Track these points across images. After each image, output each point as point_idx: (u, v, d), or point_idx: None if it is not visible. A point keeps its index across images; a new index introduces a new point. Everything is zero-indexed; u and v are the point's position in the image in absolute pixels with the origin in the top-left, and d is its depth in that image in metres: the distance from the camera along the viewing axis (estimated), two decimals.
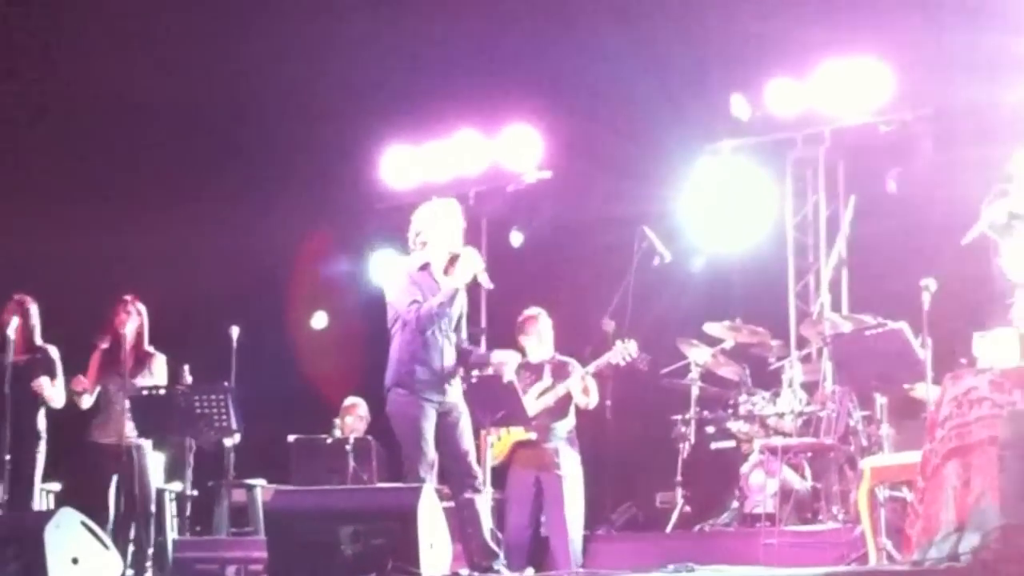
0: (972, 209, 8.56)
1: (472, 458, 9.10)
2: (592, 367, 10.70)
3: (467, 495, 9.00)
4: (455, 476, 9.11)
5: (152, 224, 14.16)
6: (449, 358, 9.12)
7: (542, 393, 10.66)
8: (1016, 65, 11.55)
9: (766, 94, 12.97)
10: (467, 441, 9.10)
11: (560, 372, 10.75)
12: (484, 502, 9.10)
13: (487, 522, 9.06)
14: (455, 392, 9.16)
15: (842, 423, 10.36)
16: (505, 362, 9.58)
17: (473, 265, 9.07)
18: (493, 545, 9.01)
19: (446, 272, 9.18)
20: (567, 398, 10.68)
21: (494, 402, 9.62)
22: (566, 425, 10.74)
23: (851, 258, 12.51)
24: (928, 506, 7.20)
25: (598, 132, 13.45)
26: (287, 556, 8.58)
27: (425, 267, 9.17)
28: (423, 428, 8.96)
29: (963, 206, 8.56)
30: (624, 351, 10.69)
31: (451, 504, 9.17)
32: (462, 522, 9.05)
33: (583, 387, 10.64)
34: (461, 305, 9.22)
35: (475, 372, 9.88)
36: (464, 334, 9.35)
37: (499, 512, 10.61)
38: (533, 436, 10.57)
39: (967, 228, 8.40)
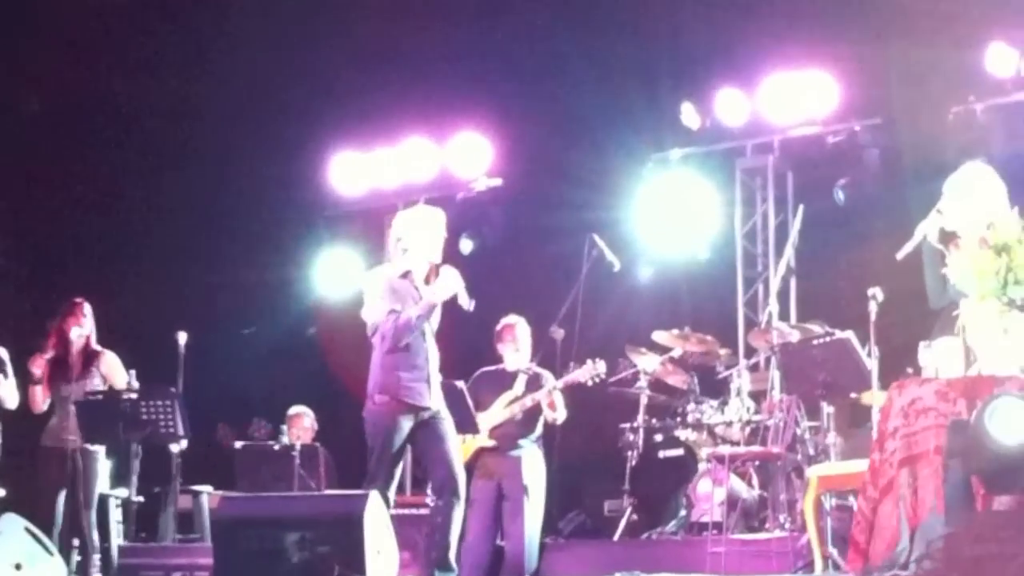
0: (918, 220, 8.60)
1: (455, 465, 8.96)
2: (560, 382, 10.69)
3: (443, 501, 8.93)
4: (435, 481, 9.04)
5: (97, 228, 14.11)
6: (433, 363, 9.04)
7: (511, 402, 10.65)
8: (960, 77, 11.63)
9: (715, 104, 13.03)
10: (450, 447, 8.98)
11: (533, 384, 10.73)
12: (459, 514, 8.98)
13: (455, 535, 8.96)
14: (438, 398, 9.05)
15: (789, 432, 10.39)
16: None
17: (453, 285, 8.95)
18: (451, 560, 8.95)
19: (427, 281, 9.10)
20: (536, 410, 10.66)
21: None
22: (532, 435, 10.71)
23: (799, 267, 12.56)
24: (883, 517, 7.23)
25: (548, 140, 13.47)
26: (233, 563, 8.54)
27: (406, 275, 9.09)
28: (393, 441, 8.88)
29: (910, 216, 8.58)
30: (593, 371, 10.69)
31: (402, 511, 9.16)
32: (431, 528, 9.01)
33: (550, 401, 10.62)
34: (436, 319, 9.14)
35: None
36: None
37: None
38: (493, 444, 10.56)
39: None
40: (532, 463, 10.64)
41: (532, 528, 10.52)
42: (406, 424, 8.92)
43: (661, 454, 11.76)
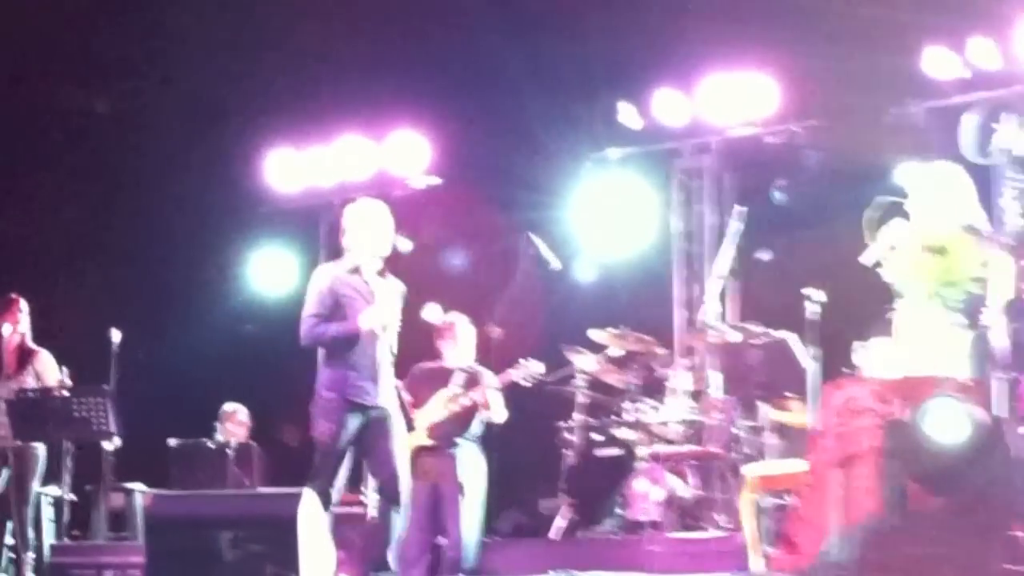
0: (856, 220, 8.62)
1: (399, 467, 8.91)
2: (497, 381, 10.67)
3: (385, 501, 8.92)
4: (379, 481, 9.03)
5: (30, 226, 13.98)
6: (383, 362, 9.00)
7: (449, 400, 10.62)
8: (897, 79, 11.69)
9: (654, 104, 13.02)
10: (395, 447, 8.93)
11: (472, 382, 10.70)
12: (400, 515, 8.94)
13: (395, 536, 8.93)
14: (386, 396, 8.99)
15: (726, 431, 10.41)
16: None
17: (382, 318, 8.91)
18: (390, 560, 8.89)
19: (382, 274, 9.08)
20: (474, 408, 10.63)
21: None
22: (470, 434, 10.69)
23: (737, 268, 12.57)
24: (817, 516, 7.25)
25: (486, 138, 13.43)
26: (165, 562, 8.49)
27: (356, 270, 9.06)
28: (339, 437, 8.84)
29: (847, 217, 8.61)
30: (528, 371, 10.67)
31: (338, 510, 9.11)
32: (371, 527, 8.96)
33: (485, 402, 10.60)
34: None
35: None
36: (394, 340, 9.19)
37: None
38: (430, 442, 10.53)
39: (852, 239, 8.45)
40: (469, 462, 10.61)
41: (469, 527, 10.49)
42: (353, 422, 8.88)
43: (598, 453, 11.74)
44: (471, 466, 10.62)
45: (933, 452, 6.73)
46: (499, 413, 10.70)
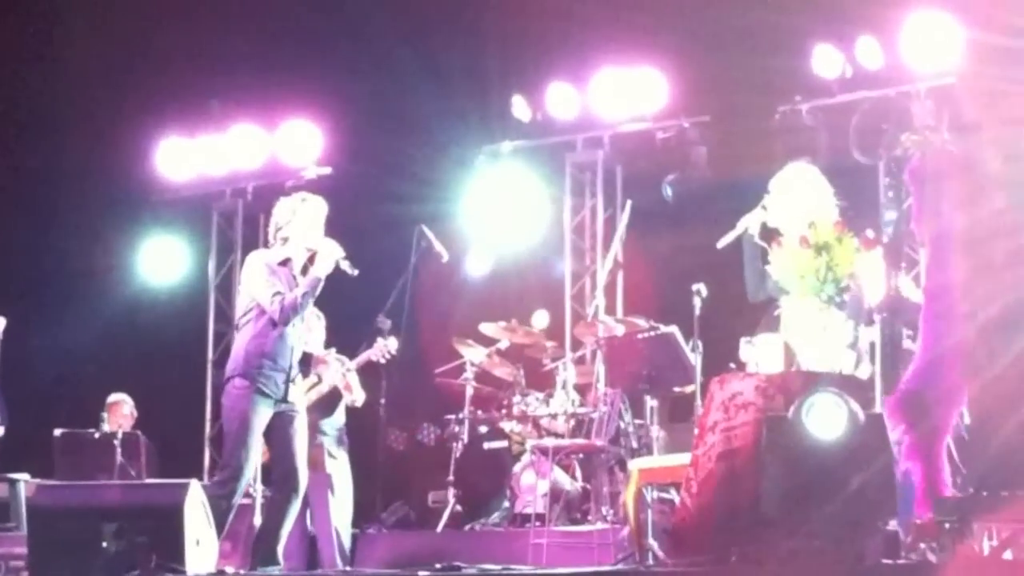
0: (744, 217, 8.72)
1: (299, 462, 8.88)
2: (352, 364, 10.65)
3: (280, 496, 8.87)
4: (277, 474, 8.96)
5: None
6: (296, 357, 8.99)
7: (308, 390, 10.59)
8: (786, 78, 11.82)
9: (546, 97, 13.08)
10: (298, 443, 8.90)
11: (328, 369, 10.68)
12: (293, 510, 8.92)
13: (285, 530, 8.89)
14: (296, 392, 8.99)
15: (613, 425, 10.46)
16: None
17: (334, 254, 8.94)
18: (279, 554, 8.86)
19: (304, 271, 9.04)
20: (335, 396, 10.61)
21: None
22: (334, 423, 10.67)
23: (626, 262, 12.65)
24: (700, 509, 7.31)
25: (379, 130, 13.41)
26: (49, 553, 8.40)
27: (285, 263, 9.02)
28: (252, 424, 8.76)
29: (736, 214, 8.69)
30: (384, 348, 10.67)
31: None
32: (264, 519, 8.93)
33: (345, 384, 10.59)
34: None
35: None
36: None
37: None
38: None
39: (739, 236, 8.55)
40: (335, 451, 10.60)
41: (339, 518, 10.49)
42: (264, 411, 8.83)
43: (486, 446, 11.78)
44: (337, 455, 10.61)
45: (812, 447, 6.82)
46: (359, 395, 10.71)
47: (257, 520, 11.07)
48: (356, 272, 9.11)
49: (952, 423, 7.64)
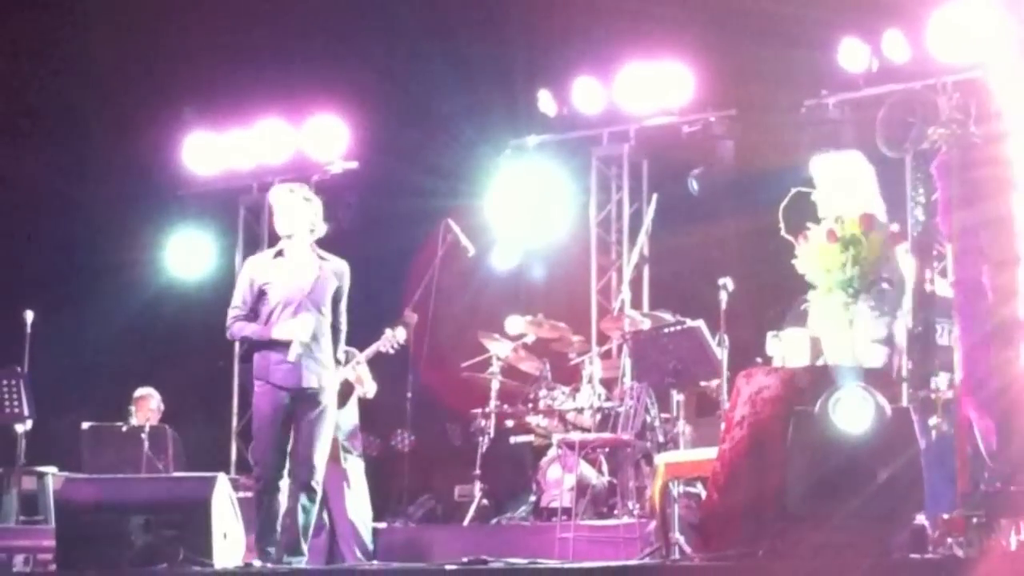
0: (771, 211, 8.70)
1: (314, 453, 8.85)
2: (362, 356, 10.67)
3: (296, 486, 8.86)
4: (294, 465, 8.94)
5: None
6: (315, 342, 8.91)
7: None
8: (813, 71, 11.78)
9: (572, 92, 13.07)
10: (314, 434, 8.86)
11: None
12: (317, 502, 8.95)
13: (311, 521, 8.92)
14: (314, 380, 8.89)
15: (639, 419, 10.47)
16: None
17: (295, 334, 8.82)
18: (303, 545, 8.88)
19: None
20: (345, 389, 10.62)
21: None
22: (347, 417, 10.66)
23: (652, 256, 12.64)
24: (727, 503, 7.31)
25: (405, 124, 13.44)
26: (76, 546, 8.46)
27: (280, 253, 9.06)
28: (275, 421, 8.81)
29: (762, 208, 8.68)
30: (392, 339, 10.68)
31: (250, 494, 9.12)
32: (285, 511, 8.98)
33: (356, 376, 10.60)
34: (334, 288, 9.07)
35: None
36: (343, 319, 9.18)
37: None
38: None
39: (766, 229, 8.53)
40: (349, 446, 10.61)
41: (356, 512, 10.49)
42: (285, 406, 8.85)
43: (512, 440, 11.79)
44: (352, 450, 10.62)
45: (839, 441, 6.81)
46: (370, 387, 10.72)
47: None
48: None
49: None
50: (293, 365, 8.79)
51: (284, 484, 8.77)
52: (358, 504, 10.54)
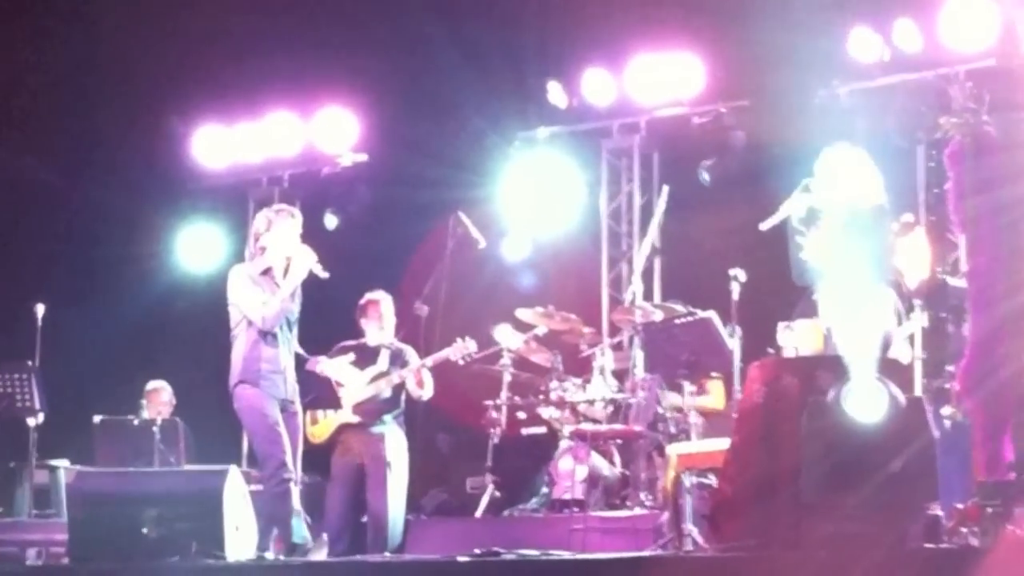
0: (782, 201, 8.69)
1: (296, 454, 9.31)
2: (430, 360, 10.69)
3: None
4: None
5: None
6: (288, 356, 9.42)
7: (375, 378, 10.63)
8: (824, 61, 11.76)
9: (582, 83, 13.05)
10: (297, 438, 9.37)
11: (397, 359, 10.74)
12: (296, 492, 9.25)
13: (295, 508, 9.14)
14: (292, 389, 9.43)
15: (651, 410, 10.45)
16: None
17: (306, 261, 9.34)
18: (305, 531, 9.02)
19: (285, 274, 9.42)
20: (400, 386, 10.66)
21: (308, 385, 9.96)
22: (395, 412, 10.72)
23: (663, 247, 12.64)
24: (739, 494, 7.30)
25: (414, 116, 13.42)
26: (89, 539, 8.47)
27: (267, 272, 9.38)
28: (274, 416, 9.19)
29: (773, 199, 8.68)
30: (463, 350, 10.72)
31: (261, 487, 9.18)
32: (269, 510, 9.08)
33: (418, 379, 10.62)
34: (297, 304, 9.48)
35: None
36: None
37: (312, 495, 10.61)
38: (356, 420, 10.54)
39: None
40: (395, 439, 10.64)
41: (395, 505, 10.51)
42: (274, 404, 9.25)
43: (524, 432, 11.78)
44: (396, 444, 10.64)
45: (852, 431, 6.80)
46: (428, 391, 10.75)
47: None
48: (327, 275, 9.52)
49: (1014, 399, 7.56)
50: (276, 376, 9.41)
51: None
52: (396, 498, 10.56)
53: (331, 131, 14.04)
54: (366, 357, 10.74)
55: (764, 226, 8.44)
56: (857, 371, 6.99)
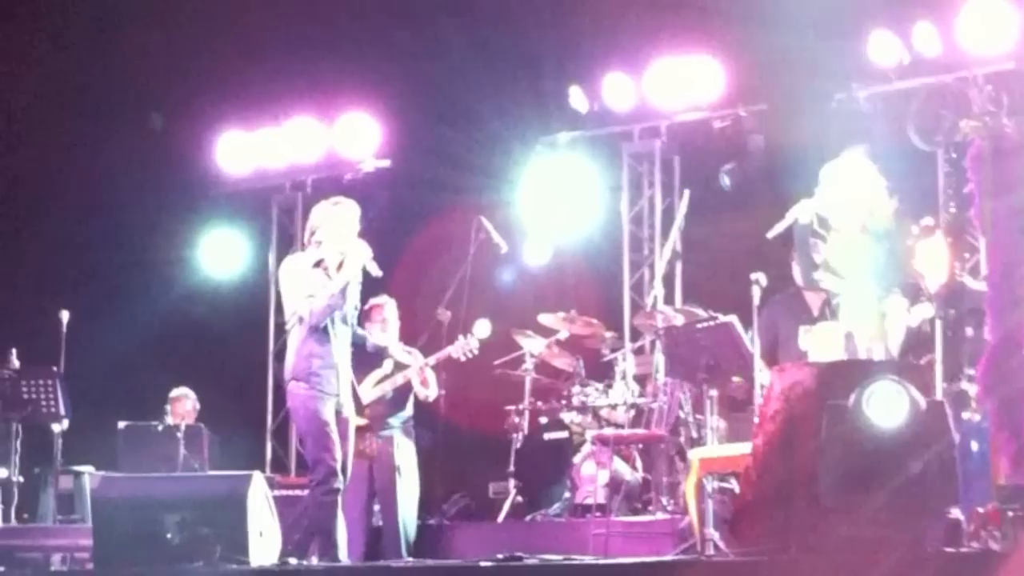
0: None
1: (348, 458, 9.02)
2: (432, 359, 10.72)
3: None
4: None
5: None
6: (342, 353, 9.10)
7: (380, 381, 10.65)
8: (843, 65, 11.76)
9: (603, 88, 13.06)
10: (345, 445, 9.02)
11: (402, 362, 10.75)
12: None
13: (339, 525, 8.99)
14: (346, 389, 9.11)
15: (672, 415, 10.47)
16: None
17: (361, 256, 9.04)
18: (340, 541, 8.94)
19: (338, 270, 9.14)
20: (406, 388, 10.68)
21: None
22: (403, 415, 10.75)
23: (684, 252, 12.65)
24: (761, 498, 7.31)
25: (436, 122, 13.45)
26: (113, 544, 8.51)
27: (319, 264, 9.13)
28: (326, 418, 8.90)
29: (793, 202, 8.68)
30: (466, 346, 10.74)
31: (285, 492, 9.18)
32: (312, 516, 9.01)
33: (422, 378, 10.65)
34: (355, 300, 9.20)
35: None
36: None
37: None
38: (364, 423, 10.56)
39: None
40: (402, 443, 10.66)
41: (406, 508, 10.55)
42: (329, 406, 8.95)
43: (546, 436, 11.78)
44: (404, 447, 10.67)
45: (873, 435, 6.81)
46: (433, 391, 10.77)
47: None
48: (380, 273, 9.23)
49: None
50: (328, 372, 9.06)
51: None
52: (407, 502, 10.58)
53: (353, 137, 14.08)
54: (371, 361, 10.74)
55: (771, 234, 8.45)
56: (877, 375, 7.00)
